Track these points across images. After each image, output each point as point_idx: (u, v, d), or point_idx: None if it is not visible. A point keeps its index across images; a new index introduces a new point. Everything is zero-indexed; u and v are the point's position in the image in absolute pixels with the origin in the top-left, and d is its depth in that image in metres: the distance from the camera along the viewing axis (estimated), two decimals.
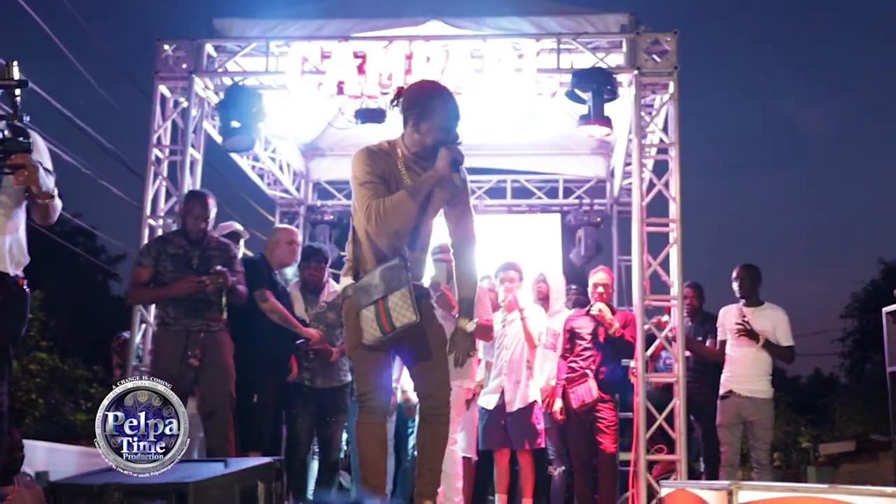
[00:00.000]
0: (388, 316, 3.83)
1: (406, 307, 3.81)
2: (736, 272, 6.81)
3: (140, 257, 5.67)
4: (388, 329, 3.83)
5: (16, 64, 3.32)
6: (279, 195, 10.24)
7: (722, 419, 6.63)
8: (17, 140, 3.30)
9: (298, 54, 7.14)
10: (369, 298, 3.88)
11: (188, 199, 5.77)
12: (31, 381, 17.92)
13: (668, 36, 7.05)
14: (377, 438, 4.02)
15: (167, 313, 5.53)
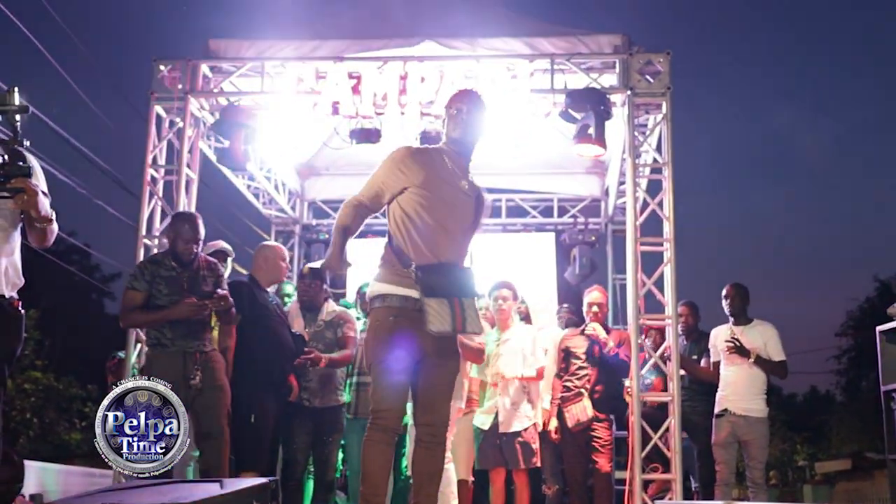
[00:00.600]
0: (464, 318, 3.90)
1: (478, 317, 4.00)
2: (725, 291, 6.83)
3: (133, 281, 5.50)
4: (459, 328, 3.91)
5: (16, 89, 3.34)
6: (274, 214, 10.26)
7: (717, 438, 6.63)
8: (17, 164, 3.32)
9: (293, 75, 7.19)
10: (438, 292, 3.91)
11: (177, 221, 5.65)
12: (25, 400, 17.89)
13: (661, 57, 7.10)
14: (384, 458, 4.00)
15: (163, 335, 5.47)
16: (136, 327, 5.84)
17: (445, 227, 4.04)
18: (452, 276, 3.97)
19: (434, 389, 4.09)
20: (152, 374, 5.52)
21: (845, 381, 34.93)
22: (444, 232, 4.03)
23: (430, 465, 4.10)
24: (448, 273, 3.97)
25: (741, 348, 6.54)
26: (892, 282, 32.84)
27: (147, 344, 5.60)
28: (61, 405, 19.52)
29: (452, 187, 4.10)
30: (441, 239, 4.02)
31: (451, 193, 4.09)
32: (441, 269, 3.97)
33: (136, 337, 6.98)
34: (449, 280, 3.95)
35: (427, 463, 4.10)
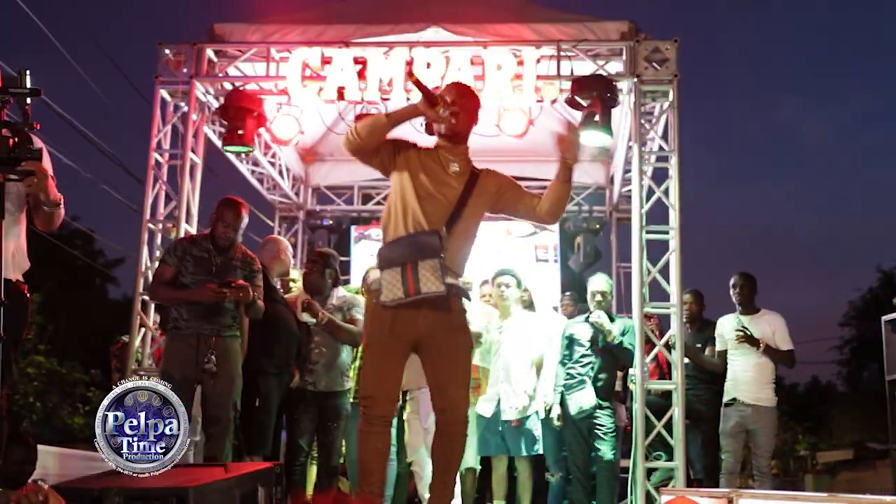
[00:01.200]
0: (416, 280, 3.80)
1: (435, 276, 3.81)
2: (734, 280, 6.83)
3: (166, 255, 5.66)
4: (412, 292, 3.80)
5: (27, 72, 3.33)
6: (278, 200, 10.25)
7: (725, 427, 6.63)
8: (27, 147, 3.31)
9: (299, 60, 7.16)
10: (393, 262, 3.88)
11: (222, 206, 5.70)
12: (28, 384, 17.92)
13: (668, 44, 7.07)
14: (376, 446, 3.95)
15: (181, 315, 5.50)
16: (159, 301, 5.86)
17: (423, 201, 4.00)
18: (409, 242, 3.90)
19: (441, 373, 4.03)
20: (165, 358, 5.56)
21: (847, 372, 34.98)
22: (420, 205, 3.98)
23: (449, 454, 4.07)
24: (405, 242, 3.91)
25: (751, 337, 6.54)
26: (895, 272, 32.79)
27: (165, 328, 5.68)
28: (64, 389, 19.56)
29: (438, 167, 4.08)
30: (413, 213, 3.98)
31: (436, 172, 4.07)
32: (398, 241, 3.94)
33: (139, 321, 6.99)
34: (403, 248, 3.89)
35: (446, 452, 4.07)
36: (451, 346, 4.02)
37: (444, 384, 4.03)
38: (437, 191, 4.03)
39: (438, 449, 4.09)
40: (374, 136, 3.98)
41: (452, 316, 4.02)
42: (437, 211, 4.00)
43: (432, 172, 4.06)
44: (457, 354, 4.05)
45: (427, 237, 3.90)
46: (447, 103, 4.04)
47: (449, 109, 4.04)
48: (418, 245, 3.87)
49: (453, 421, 4.03)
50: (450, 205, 4.03)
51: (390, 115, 4.02)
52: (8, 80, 3.35)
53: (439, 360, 4.02)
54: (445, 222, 3.99)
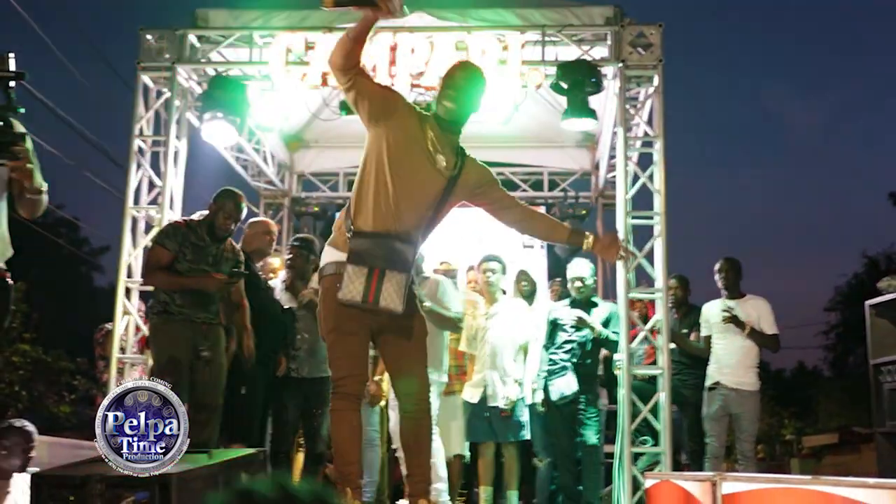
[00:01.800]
0: (378, 291, 3.74)
1: (398, 294, 3.76)
2: (719, 265, 6.85)
3: (164, 238, 5.53)
4: (370, 300, 3.74)
5: (11, 55, 3.28)
6: (263, 187, 10.20)
7: (708, 411, 6.66)
8: (11, 131, 3.27)
9: (282, 45, 7.12)
10: (364, 262, 3.77)
11: (224, 196, 5.68)
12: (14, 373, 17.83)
13: (653, 29, 7.05)
14: (350, 425, 3.92)
15: (172, 301, 5.47)
16: (158, 286, 5.60)
17: (401, 198, 3.85)
18: (385, 246, 3.79)
19: (402, 356, 4.03)
20: (158, 341, 5.51)
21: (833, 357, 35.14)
22: (398, 202, 3.84)
23: (418, 435, 4.06)
24: (380, 243, 3.80)
25: (737, 318, 6.56)
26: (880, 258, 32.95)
27: (152, 312, 5.56)
28: (50, 378, 19.47)
29: (423, 159, 3.90)
30: (392, 209, 3.84)
31: (420, 165, 3.89)
32: (373, 238, 3.81)
33: (123, 309, 6.96)
34: (378, 249, 3.79)
35: (414, 434, 4.06)
36: (407, 330, 3.99)
37: (404, 368, 4.03)
38: (420, 188, 3.90)
39: (406, 433, 4.09)
40: (343, 57, 3.79)
41: (412, 303, 4.00)
42: (416, 211, 3.90)
43: (416, 162, 3.89)
44: (412, 337, 4.02)
45: (402, 246, 3.82)
46: (443, 86, 3.96)
47: (443, 94, 3.94)
48: (391, 251, 3.79)
49: (417, 402, 4.01)
50: (429, 207, 3.94)
51: (349, 33, 3.75)
52: None
53: (396, 345, 4.02)
54: (422, 226, 3.94)
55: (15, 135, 3.31)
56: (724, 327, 6.63)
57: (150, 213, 7.19)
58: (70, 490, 3.24)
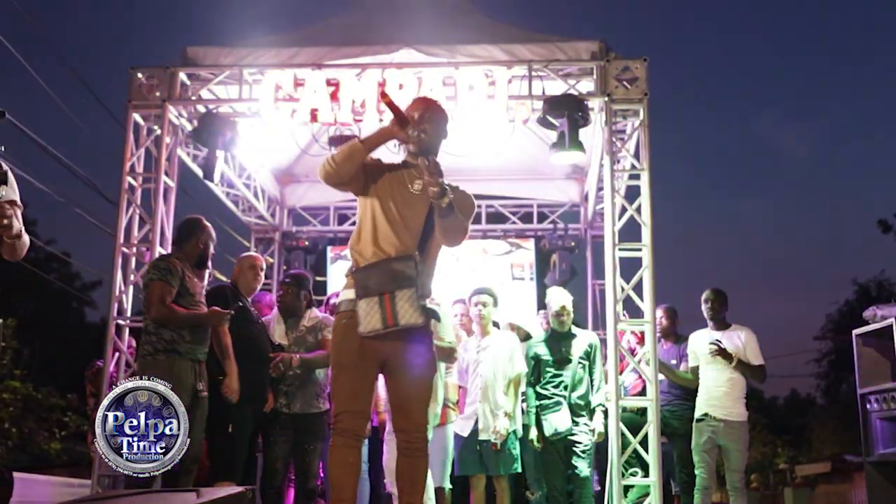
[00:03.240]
0: (395, 312, 3.81)
1: (415, 308, 3.82)
2: (705, 296, 6.89)
3: (168, 276, 5.42)
4: (391, 323, 3.81)
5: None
6: (254, 221, 10.24)
7: (697, 442, 6.67)
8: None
9: (272, 82, 7.18)
10: (370, 291, 3.86)
11: (203, 226, 5.73)
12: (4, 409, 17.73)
13: (638, 63, 7.14)
14: (346, 462, 3.93)
15: (182, 338, 5.42)
16: (169, 322, 5.42)
17: (394, 223, 4.02)
18: (385, 270, 3.88)
19: (404, 393, 4.05)
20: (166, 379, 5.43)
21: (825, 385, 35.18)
22: (392, 227, 4.01)
23: (411, 473, 4.07)
24: (380, 269, 3.90)
25: (724, 351, 6.59)
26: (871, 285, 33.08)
27: (156, 349, 5.38)
28: (41, 415, 19.36)
29: (406, 188, 4.09)
30: (385, 235, 4.00)
31: (405, 192, 4.08)
32: (374, 266, 3.92)
33: (114, 346, 6.96)
34: (380, 276, 3.88)
35: (408, 472, 4.07)
36: (416, 367, 4.02)
37: (407, 404, 4.05)
38: (406, 213, 4.05)
39: (402, 467, 4.10)
40: (351, 163, 3.99)
41: (419, 337, 4.02)
42: (407, 234, 4.02)
43: (400, 194, 4.08)
44: (420, 375, 4.05)
45: (402, 264, 3.90)
46: (416, 122, 4.08)
47: (418, 129, 4.07)
48: (393, 273, 3.87)
49: (414, 439, 4.04)
50: (418, 228, 4.05)
51: (366, 142, 4.03)
52: None
53: (403, 379, 4.03)
54: (419, 240, 4.02)
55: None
56: (711, 358, 6.66)
57: (141, 251, 7.21)
58: None
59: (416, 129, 4.08)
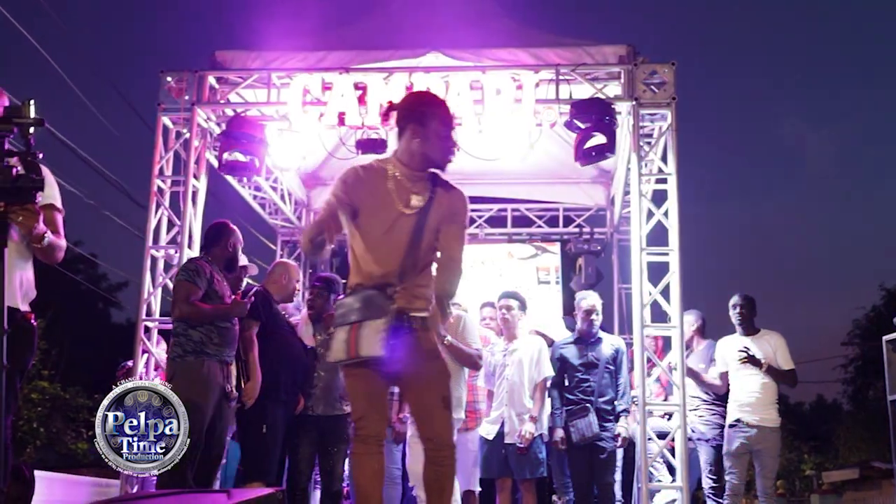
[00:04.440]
0: (357, 341, 3.75)
1: (376, 339, 3.74)
2: (733, 301, 6.86)
3: (195, 276, 5.46)
4: (352, 355, 3.76)
5: (32, 102, 3.36)
6: (280, 224, 10.29)
7: (729, 448, 6.64)
8: (31, 177, 3.32)
9: (300, 85, 7.22)
10: (345, 319, 3.83)
11: (231, 230, 5.81)
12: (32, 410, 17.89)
13: (666, 67, 7.12)
14: (370, 468, 3.92)
15: (210, 339, 5.44)
16: (195, 318, 5.46)
17: (373, 249, 3.90)
18: (360, 299, 3.82)
19: (421, 401, 4.03)
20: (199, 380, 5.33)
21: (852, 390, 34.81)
22: (371, 253, 3.90)
23: (439, 481, 4.04)
24: (357, 298, 3.83)
25: (753, 358, 6.55)
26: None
27: (185, 350, 5.41)
28: (68, 415, 19.54)
29: (388, 206, 3.91)
30: (368, 261, 3.90)
31: (386, 212, 3.91)
32: (351, 295, 3.88)
33: (142, 347, 7.02)
34: (354, 304, 3.83)
35: (436, 480, 4.04)
36: (427, 374, 3.98)
37: (427, 412, 4.02)
38: (390, 235, 3.91)
39: (429, 476, 4.08)
40: (319, 250, 3.96)
41: (424, 345, 3.98)
42: (389, 257, 3.90)
43: (384, 215, 3.92)
44: (434, 381, 4.01)
45: (374, 294, 3.82)
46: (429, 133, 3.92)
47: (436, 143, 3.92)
48: (366, 302, 3.81)
49: (440, 448, 4.00)
50: (401, 248, 3.90)
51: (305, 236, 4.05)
52: (12, 110, 3.37)
53: (418, 389, 4.01)
54: (399, 267, 3.89)
55: (34, 181, 3.34)
56: (740, 365, 6.63)
57: (170, 252, 7.27)
58: None
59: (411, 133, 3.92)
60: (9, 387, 3.31)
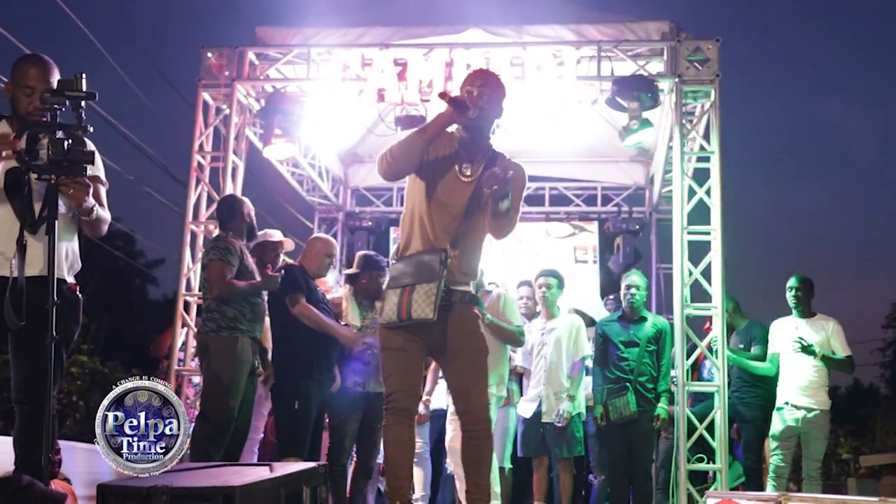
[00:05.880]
0: (409, 304, 3.84)
1: (428, 303, 3.82)
2: (791, 283, 6.72)
3: (228, 255, 5.47)
4: (403, 316, 3.85)
5: (83, 76, 3.38)
6: (318, 201, 10.30)
7: (776, 430, 6.57)
8: (81, 150, 3.35)
9: (339, 61, 7.20)
10: (398, 282, 3.93)
11: (242, 201, 5.88)
12: (72, 383, 18.12)
13: (710, 44, 7.02)
14: (401, 440, 3.99)
15: (244, 315, 5.49)
16: (232, 296, 5.49)
17: (431, 212, 3.99)
18: (412, 263, 3.93)
19: (459, 377, 4.08)
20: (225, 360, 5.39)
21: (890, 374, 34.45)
22: (428, 217, 3.99)
23: (476, 455, 4.08)
24: (408, 261, 3.95)
25: (808, 349, 6.45)
26: None
27: (219, 325, 5.45)
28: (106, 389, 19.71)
29: (449, 172, 4.03)
30: (424, 225, 3.99)
31: (447, 178, 4.02)
32: (406, 259, 3.97)
33: (182, 321, 7.07)
34: (405, 268, 3.94)
35: (473, 454, 4.08)
36: (466, 350, 4.04)
37: (464, 387, 4.07)
38: (447, 199, 4.01)
39: (466, 452, 4.10)
40: (410, 158, 3.95)
41: (465, 321, 4.04)
42: (444, 222, 4.00)
43: (446, 180, 4.03)
44: (472, 356, 4.06)
45: (429, 258, 3.91)
46: (473, 99, 3.97)
47: (477, 110, 3.95)
48: (420, 266, 3.91)
49: (477, 422, 4.04)
50: (457, 215, 4.01)
51: (424, 133, 3.96)
52: (64, 83, 3.40)
53: (456, 364, 4.06)
54: (452, 234, 3.99)
55: (85, 154, 3.38)
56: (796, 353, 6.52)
57: (209, 228, 7.29)
58: (135, 501, 3.29)
59: (473, 106, 3.97)
60: (56, 358, 3.35)
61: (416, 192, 4.06)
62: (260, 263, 5.89)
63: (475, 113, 3.92)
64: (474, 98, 3.99)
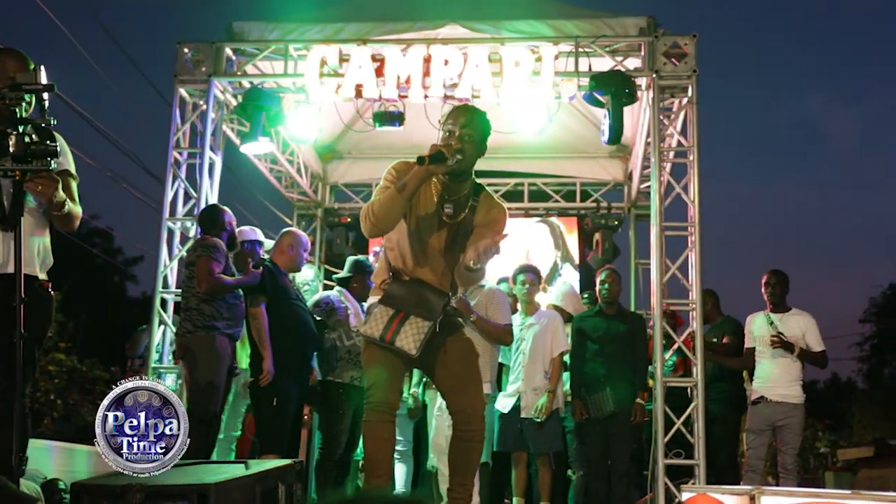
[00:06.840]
0: (396, 331, 3.87)
1: (415, 338, 3.87)
2: (766, 278, 6.75)
3: (214, 252, 5.61)
4: (387, 339, 3.89)
5: (42, 68, 3.35)
6: (296, 197, 10.25)
7: (751, 424, 6.60)
8: (45, 143, 3.31)
9: (317, 57, 7.17)
10: (393, 304, 3.93)
11: (224, 210, 6.03)
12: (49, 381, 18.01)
13: (687, 39, 7.03)
14: (380, 435, 3.98)
15: (221, 315, 5.56)
16: (220, 291, 5.60)
17: (416, 249, 4.02)
18: (416, 293, 3.96)
19: (450, 376, 4.09)
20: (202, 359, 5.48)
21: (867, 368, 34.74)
22: (415, 252, 4.02)
23: (465, 457, 4.10)
24: (413, 290, 3.97)
25: (786, 343, 6.48)
26: None
27: (196, 325, 5.56)
28: (85, 387, 19.66)
29: (428, 211, 4.00)
30: (412, 258, 4.03)
31: (427, 217, 4.01)
32: (412, 284, 3.99)
33: (160, 319, 7.03)
34: (410, 296, 3.95)
35: (462, 455, 4.10)
36: (454, 349, 4.07)
37: (456, 386, 4.08)
38: (431, 240, 4.02)
39: (455, 451, 4.10)
40: (392, 215, 3.87)
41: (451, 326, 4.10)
42: (432, 260, 4.04)
43: (427, 216, 4.01)
44: (462, 355, 4.09)
45: (435, 298, 3.96)
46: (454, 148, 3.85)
47: (456, 158, 3.83)
48: (421, 300, 3.95)
49: (469, 421, 4.04)
50: (441, 252, 4.03)
51: (403, 190, 3.81)
52: (21, 77, 3.36)
53: (446, 364, 4.07)
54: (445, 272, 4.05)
55: (48, 147, 3.32)
56: (773, 348, 6.55)
57: (186, 225, 7.25)
58: (109, 499, 3.26)
59: (456, 159, 3.84)
60: (27, 355, 3.31)
61: (400, 228, 4.02)
62: (240, 260, 5.94)
63: (454, 161, 3.81)
64: (455, 144, 3.87)
